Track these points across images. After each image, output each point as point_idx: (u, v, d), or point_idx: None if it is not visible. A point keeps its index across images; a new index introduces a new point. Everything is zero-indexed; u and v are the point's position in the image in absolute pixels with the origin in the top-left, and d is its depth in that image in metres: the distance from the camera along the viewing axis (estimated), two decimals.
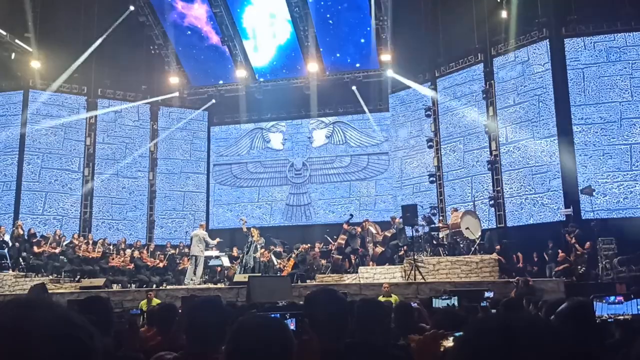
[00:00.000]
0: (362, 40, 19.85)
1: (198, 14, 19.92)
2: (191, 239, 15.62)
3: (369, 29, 19.34)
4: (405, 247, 14.53)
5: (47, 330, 0.85)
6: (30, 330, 0.84)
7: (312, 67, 19.87)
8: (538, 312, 4.16)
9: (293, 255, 15.63)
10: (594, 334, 2.36)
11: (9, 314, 0.87)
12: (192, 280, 14.99)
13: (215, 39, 20.16)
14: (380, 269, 14.26)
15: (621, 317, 2.39)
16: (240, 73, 20.44)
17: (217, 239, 16.11)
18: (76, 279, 14.83)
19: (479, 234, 14.23)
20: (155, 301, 11.11)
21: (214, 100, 21.28)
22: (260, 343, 1.65)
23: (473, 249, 13.98)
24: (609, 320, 2.40)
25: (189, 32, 20.25)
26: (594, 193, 14.47)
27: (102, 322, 2.81)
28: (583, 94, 15.66)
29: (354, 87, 20.06)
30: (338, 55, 20.30)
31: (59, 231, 16.81)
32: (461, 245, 14.42)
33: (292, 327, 2.07)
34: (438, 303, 6.87)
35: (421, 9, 18.83)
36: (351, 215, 16.70)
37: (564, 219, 14.97)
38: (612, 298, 2.40)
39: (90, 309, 2.98)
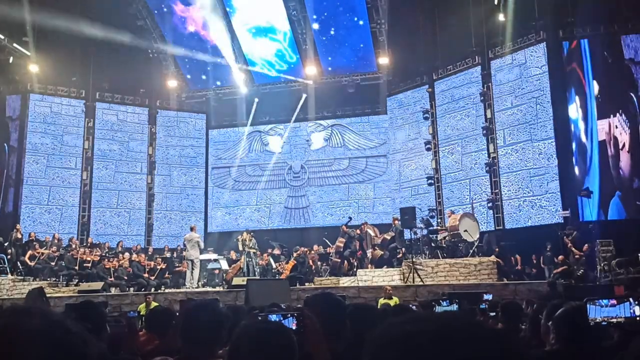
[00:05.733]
0: (361, 45, 19.86)
1: (196, 17, 19.91)
2: (185, 243, 15.59)
3: (366, 32, 19.36)
4: (403, 250, 14.53)
5: (41, 337, 0.85)
6: (25, 337, 0.84)
7: (311, 70, 19.90)
8: (537, 315, 4.17)
9: (292, 258, 15.60)
10: (587, 337, 2.37)
11: (3, 321, 0.87)
12: (190, 283, 14.98)
13: (213, 42, 20.14)
14: (378, 271, 14.26)
15: (614, 320, 2.39)
16: (238, 76, 20.45)
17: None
18: (74, 283, 14.81)
19: (477, 236, 14.25)
20: (154, 304, 11.10)
21: (213, 103, 21.31)
22: (263, 349, 1.65)
23: (471, 251, 13.99)
24: (602, 323, 2.40)
25: (187, 36, 20.25)
26: (591, 195, 14.50)
27: (95, 327, 2.81)
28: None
29: (350, 90, 20.12)
30: (336, 58, 20.30)
31: (57, 235, 16.80)
32: (460, 248, 14.42)
33: (293, 326, 2.09)
34: (439, 309, 6.86)
35: (419, 12, 18.87)
36: (350, 218, 16.67)
37: (562, 221, 14.98)
38: (605, 301, 2.41)
39: (83, 314, 2.98)
